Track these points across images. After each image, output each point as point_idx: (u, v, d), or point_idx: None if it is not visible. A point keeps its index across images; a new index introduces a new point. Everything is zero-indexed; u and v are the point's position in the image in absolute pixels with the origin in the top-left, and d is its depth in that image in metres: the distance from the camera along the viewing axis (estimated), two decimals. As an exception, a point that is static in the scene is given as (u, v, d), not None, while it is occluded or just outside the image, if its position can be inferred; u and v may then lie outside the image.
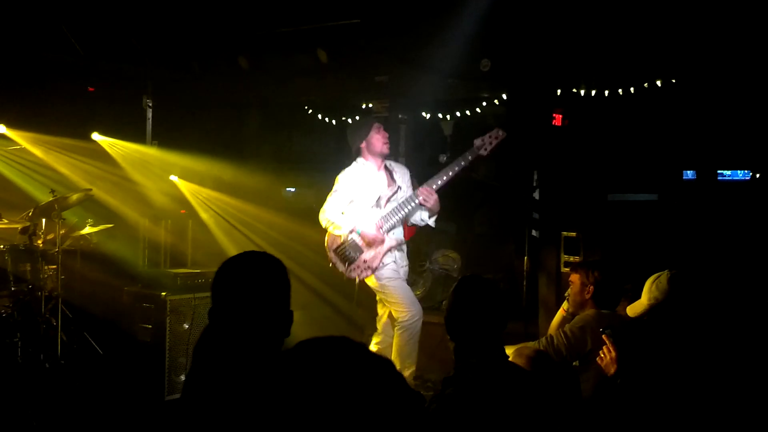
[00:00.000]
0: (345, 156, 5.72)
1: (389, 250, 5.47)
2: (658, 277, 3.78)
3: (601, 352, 3.52)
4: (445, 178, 5.43)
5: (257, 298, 2.14)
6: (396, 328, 5.42)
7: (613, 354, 3.43)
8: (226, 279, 2.19)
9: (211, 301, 2.21)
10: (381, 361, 1.25)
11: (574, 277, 4.35)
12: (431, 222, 5.67)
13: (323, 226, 5.55)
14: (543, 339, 4.22)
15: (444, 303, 2.95)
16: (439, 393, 2.66)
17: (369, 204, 5.53)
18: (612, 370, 3.42)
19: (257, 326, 2.12)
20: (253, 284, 2.16)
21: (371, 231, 5.42)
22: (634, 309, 3.89)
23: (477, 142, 5.45)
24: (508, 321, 2.85)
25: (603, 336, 3.55)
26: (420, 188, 5.44)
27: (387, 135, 5.63)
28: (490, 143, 5.42)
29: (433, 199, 5.40)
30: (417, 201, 5.43)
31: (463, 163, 5.41)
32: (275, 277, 2.21)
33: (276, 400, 1.19)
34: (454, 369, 2.73)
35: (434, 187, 5.41)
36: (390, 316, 5.56)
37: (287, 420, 1.17)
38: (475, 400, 2.55)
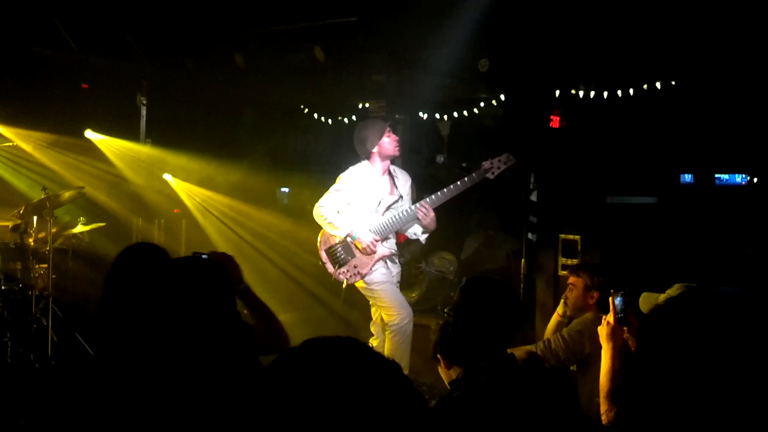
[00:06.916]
0: (340, 156, 5.66)
1: (380, 258, 5.42)
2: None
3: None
4: (446, 195, 5.36)
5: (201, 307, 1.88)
6: (387, 331, 5.38)
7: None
8: (156, 286, 1.92)
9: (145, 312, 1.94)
10: (388, 362, 1.21)
11: (577, 281, 4.25)
12: (423, 238, 5.61)
13: (317, 221, 5.47)
14: (540, 343, 4.17)
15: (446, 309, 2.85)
16: (446, 395, 2.60)
17: (369, 209, 5.46)
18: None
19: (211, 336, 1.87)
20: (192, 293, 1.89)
21: (367, 238, 5.35)
22: None
23: (485, 164, 5.38)
24: (522, 327, 2.77)
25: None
26: (420, 203, 5.36)
27: (398, 137, 5.58)
28: (498, 168, 5.37)
29: (430, 216, 5.31)
30: (414, 214, 5.36)
31: (468, 184, 5.35)
32: (215, 281, 1.96)
33: (280, 400, 1.17)
34: (463, 372, 2.66)
35: (433, 203, 5.34)
36: (381, 318, 5.51)
37: (294, 420, 1.15)
38: (483, 403, 2.48)
